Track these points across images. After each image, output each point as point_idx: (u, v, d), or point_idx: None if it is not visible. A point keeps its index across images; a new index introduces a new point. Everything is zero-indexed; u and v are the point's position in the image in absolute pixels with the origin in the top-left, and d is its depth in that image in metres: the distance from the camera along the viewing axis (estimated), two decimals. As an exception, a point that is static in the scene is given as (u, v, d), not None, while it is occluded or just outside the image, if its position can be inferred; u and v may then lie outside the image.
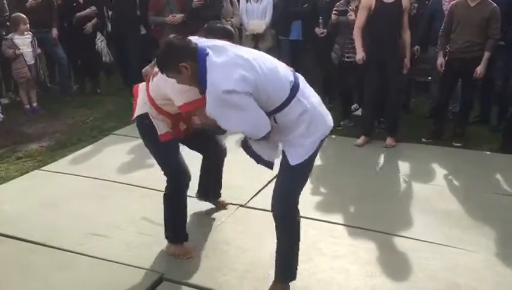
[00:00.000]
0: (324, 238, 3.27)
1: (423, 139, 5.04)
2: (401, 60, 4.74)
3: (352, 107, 5.90)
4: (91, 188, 4.01)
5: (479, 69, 4.65)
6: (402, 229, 3.37)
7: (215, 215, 3.55)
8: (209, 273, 2.91)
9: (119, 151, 4.76)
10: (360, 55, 4.73)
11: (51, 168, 4.37)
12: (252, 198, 3.77)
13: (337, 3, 5.18)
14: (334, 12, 5.05)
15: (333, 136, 5.13)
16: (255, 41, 5.85)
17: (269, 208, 2.61)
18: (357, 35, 4.75)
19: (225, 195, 3.78)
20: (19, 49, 5.74)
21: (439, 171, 4.33)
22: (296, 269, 2.66)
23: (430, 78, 5.77)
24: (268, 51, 5.96)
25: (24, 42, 5.81)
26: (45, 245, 3.18)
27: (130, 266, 2.98)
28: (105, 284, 2.82)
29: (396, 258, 3.07)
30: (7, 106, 6.11)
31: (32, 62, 5.87)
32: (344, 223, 3.45)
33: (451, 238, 3.25)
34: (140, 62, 6.30)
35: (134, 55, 6.32)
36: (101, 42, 6.52)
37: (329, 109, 2.61)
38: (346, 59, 5.11)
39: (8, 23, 5.95)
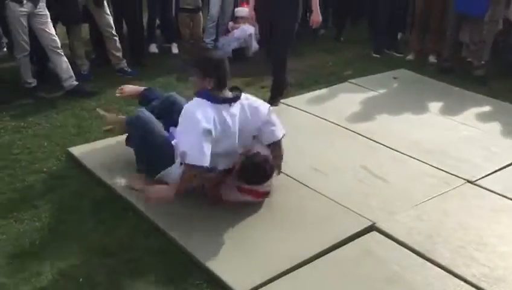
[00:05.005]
0: None
1: None
2: None
3: None
4: (320, 127, 4.22)
5: None
6: None
7: (439, 184, 3.41)
8: (422, 238, 2.85)
9: (351, 99, 4.84)
10: None
11: (288, 102, 4.71)
12: (484, 177, 3.49)
13: None
14: None
15: None
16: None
17: (504, 192, 2.36)
18: None
19: (451, 166, 3.59)
20: None
21: None
22: None
23: None
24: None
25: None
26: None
27: (343, 206, 3.10)
28: (318, 213, 3.04)
29: None
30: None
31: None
32: None
33: None
34: (388, 15, 6.21)
35: (387, 7, 6.19)
36: None
37: None
38: None
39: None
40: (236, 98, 2.97)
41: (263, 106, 3.13)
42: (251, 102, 3.07)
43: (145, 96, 3.68)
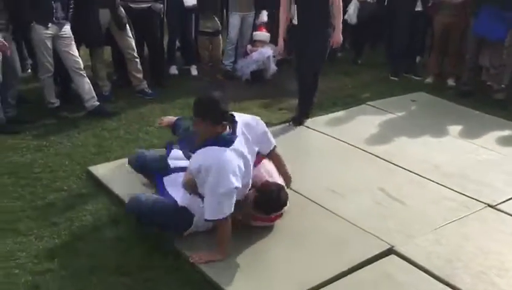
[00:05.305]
0: None
1: None
2: None
3: None
4: (338, 149, 4.22)
5: None
6: None
7: (459, 208, 3.37)
8: (442, 262, 2.81)
9: (369, 121, 4.84)
10: None
11: (306, 123, 4.72)
12: (505, 201, 3.44)
13: None
14: None
15: None
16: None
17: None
18: None
19: (471, 190, 3.54)
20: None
21: None
22: None
23: None
24: None
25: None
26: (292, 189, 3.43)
27: (360, 229, 3.09)
28: (335, 235, 3.01)
29: None
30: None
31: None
32: None
33: None
34: (407, 38, 6.22)
35: (405, 31, 6.21)
36: None
37: None
38: None
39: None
40: (236, 126, 2.82)
41: (251, 119, 3.00)
42: (243, 121, 2.90)
43: (177, 125, 3.71)
